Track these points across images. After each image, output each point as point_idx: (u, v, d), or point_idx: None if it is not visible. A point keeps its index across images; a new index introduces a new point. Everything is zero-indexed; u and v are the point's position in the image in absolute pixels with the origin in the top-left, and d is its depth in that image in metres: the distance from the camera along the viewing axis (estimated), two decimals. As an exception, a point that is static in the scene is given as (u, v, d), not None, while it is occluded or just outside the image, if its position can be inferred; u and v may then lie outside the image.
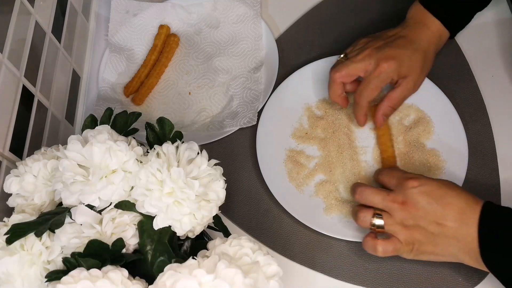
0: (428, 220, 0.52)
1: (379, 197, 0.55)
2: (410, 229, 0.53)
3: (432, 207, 0.52)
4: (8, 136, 0.54)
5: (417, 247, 0.54)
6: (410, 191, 0.53)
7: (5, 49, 0.54)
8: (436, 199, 0.52)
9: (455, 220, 0.51)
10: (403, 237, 0.54)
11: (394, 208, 0.54)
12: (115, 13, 0.79)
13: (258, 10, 0.78)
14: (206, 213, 0.46)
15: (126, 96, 0.74)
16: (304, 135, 0.68)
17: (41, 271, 0.44)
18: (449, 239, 0.52)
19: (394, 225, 0.54)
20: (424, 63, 0.64)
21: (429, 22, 0.65)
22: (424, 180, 0.54)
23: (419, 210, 0.53)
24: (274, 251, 0.62)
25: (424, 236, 0.53)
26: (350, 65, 0.63)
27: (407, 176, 0.55)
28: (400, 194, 0.54)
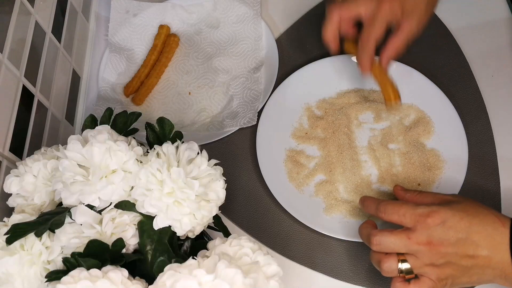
0: (459, 256, 0.49)
1: (400, 242, 0.50)
2: (441, 267, 0.50)
3: (461, 242, 0.49)
4: (8, 136, 0.54)
5: (450, 281, 0.51)
6: (433, 229, 0.49)
7: (5, 49, 0.54)
8: (463, 232, 0.49)
9: (486, 250, 0.49)
10: (436, 276, 0.50)
11: (420, 250, 0.50)
12: (115, 13, 0.79)
13: (258, 10, 0.78)
14: (206, 213, 0.46)
15: (126, 96, 0.74)
16: (304, 135, 0.68)
17: (41, 271, 0.44)
18: (484, 269, 0.50)
19: (423, 267, 0.50)
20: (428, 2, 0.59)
21: None
22: (443, 213, 0.50)
23: (448, 248, 0.49)
24: (274, 251, 0.62)
25: (457, 270, 0.50)
26: (352, 3, 0.59)
27: (423, 212, 0.50)
28: (423, 235, 0.50)
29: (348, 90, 0.71)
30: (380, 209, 0.53)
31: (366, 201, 0.56)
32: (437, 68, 0.71)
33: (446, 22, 0.75)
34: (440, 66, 0.72)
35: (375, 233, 0.52)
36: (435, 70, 0.71)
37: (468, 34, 0.74)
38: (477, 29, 0.74)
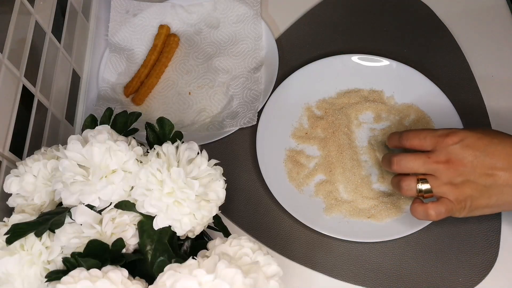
0: (477, 174, 0.50)
1: (419, 161, 0.52)
2: (460, 186, 0.51)
3: (479, 159, 0.50)
4: (8, 136, 0.54)
5: (469, 203, 0.51)
6: (452, 148, 0.51)
7: (5, 49, 0.54)
8: (481, 150, 0.50)
9: (505, 167, 0.50)
10: (454, 196, 0.51)
11: (439, 169, 0.51)
12: (115, 13, 0.79)
13: (258, 10, 0.78)
14: (206, 213, 0.46)
15: (126, 96, 0.74)
16: (304, 135, 0.68)
17: (41, 271, 0.44)
18: (503, 187, 0.50)
19: (442, 186, 0.52)
20: None
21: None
22: (462, 133, 0.51)
23: (466, 166, 0.50)
24: (274, 251, 0.62)
25: (475, 190, 0.51)
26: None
27: (442, 133, 0.52)
28: (442, 153, 0.51)
29: (348, 90, 0.71)
30: (403, 137, 0.55)
31: (391, 135, 0.58)
32: (437, 68, 0.71)
33: (446, 22, 0.75)
34: (440, 66, 0.72)
35: (396, 154, 0.54)
36: (435, 70, 0.71)
37: (468, 34, 0.74)
38: (478, 29, 0.74)
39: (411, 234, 0.60)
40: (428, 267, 0.60)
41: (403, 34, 0.76)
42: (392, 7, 0.78)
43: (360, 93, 0.71)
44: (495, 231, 0.61)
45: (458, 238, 0.61)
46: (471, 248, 0.60)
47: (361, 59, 0.72)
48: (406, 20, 0.77)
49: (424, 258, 0.60)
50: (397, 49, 0.74)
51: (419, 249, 0.61)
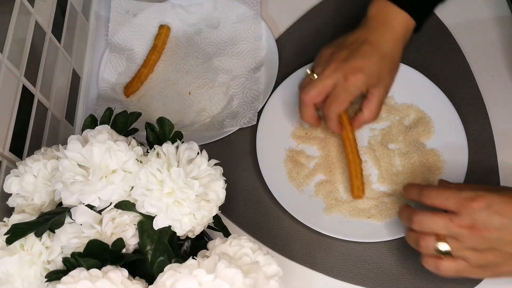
0: (504, 241, 0.48)
1: (442, 223, 0.49)
2: (483, 252, 0.49)
3: (507, 227, 0.47)
4: (8, 136, 0.54)
5: (491, 268, 0.50)
6: (478, 213, 0.48)
7: (5, 49, 0.54)
8: (510, 217, 0.47)
9: None
10: (475, 261, 0.49)
11: (463, 234, 0.48)
12: (115, 13, 0.79)
13: (258, 10, 0.78)
14: (206, 213, 0.46)
15: (126, 96, 0.74)
16: (304, 135, 0.68)
17: (41, 271, 0.44)
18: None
19: (463, 250, 0.49)
20: (391, 68, 0.62)
21: (394, 16, 0.61)
22: (489, 197, 0.48)
23: (492, 233, 0.48)
24: (274, 251, 0.62)
25: (500, 257, 0.49)
26: (319, 84, 0.60)
27: (467, 196, 0.49)
28: (467, 218, 0.48)
29: (348, 90, 0.71)
30: (424, 194, 0.52)
31: (410, 188, 0.55)
32: (437, 68, 0.71)
33: (446, 22, 0.75)
34: (440, 66, 0.72)
35: (417, 212, 0.51)
36: (435, 70, 0.71)
37: (468, 34, 0.74)
38: (477, 29, 0.74)
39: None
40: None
41: (403, 34, 0.76)
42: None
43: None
44: (495, 231, 0.61)
45: (458, 238, 0.61)
46: (471, 248, 0.60)
47: (361, 59, 0.71)
48: (406, 20, 0.77)
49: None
50: (397, 49, 0.74)
51: (419, 249, 0.61)
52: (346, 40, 0.63)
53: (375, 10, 0.63)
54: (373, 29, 0.62)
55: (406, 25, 0.62)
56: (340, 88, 0.60)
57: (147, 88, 0.75)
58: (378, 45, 0.61)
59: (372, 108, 0.62)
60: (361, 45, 0.61)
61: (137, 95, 0.74)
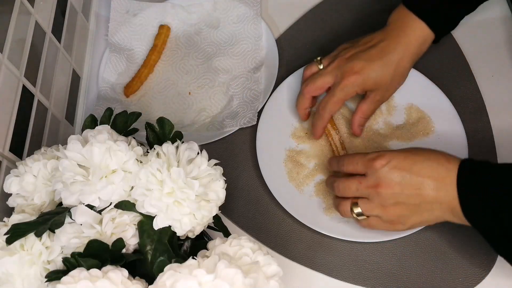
0: (406, 194, 0.52)
1: (353, 186, 0.55)
2: (391, 208, 0.53)
3: (406, 180, 0.51)
4: (8, 136, 0.54)
5: (403, 221, 0.54)
6: (380, 171, 0.52)
7: (5, 49, 0.54)
8: (408, 170, 0.52)
9: (433, 184, 0.51)
10: (386, 217, 0.54)
11: (371, 193, 0.53)
12: (115, 13, 0.79)
13: (258, 10, 0.78)
14: (206, 213, 0.46)
15: (126, 96, 0.74)
16: (304, 135, 0.68)
17: (41, 271, 0.44)
18: (432, 204, 0.52)
19: (374, 209, 0.54)
20: (393, 77, 0.62)
21: (412, 26, 0.61)
22: (389, 155, 0.53)
23: (394, 188, 0.52)
24: (274, 251, 0.62)
25: (407, 210, 0.53)
26: (319, 79, 0.63)
27: (371, 157, 0.54)
28: (372, 178, 0.53)
29: (348, 90, 0.71)
30: (340, 162, 0.58)
31: (330, 160, 0.61)
32: (437, 68, 0.71)
33: (446, 22, 0.75)
34: (440, 66, 0.72)
35: (336, 179, 0.57)
36: (435, 70, 0.71)
37: (468, 33, 0.73)
38: (477, 28, 0.74)
39: (411, 234, 0.60)
40: (428, 267, 0.60)
41: (403, 34, 0.76)
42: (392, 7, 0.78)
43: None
44: (495, 231, 0.61)
45: (458, 238, 0.61)
46: (471, 248, 0.60)
47: (361, 59, 0.72)
48: (406, 20, 0.77)
49: (424, 258, 0.60)
50: (397, 49, 0.74)
51: (419, 249, 0.61)
52: (361, 39, 0.64)
53: (396, 16, 0.63)
54: (389, 35, 0.62)
55: (422, 36, 0.62)
56: (336, 87, 0.61)
57: (147, 88, 0.75)
58: (387, 52, 0.61)
59: (363, 109, 0.63)
60: (370, 48, 0.61)
61: (137, 95, 0.74)
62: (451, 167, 0.51)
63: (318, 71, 0.64)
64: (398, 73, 0.62)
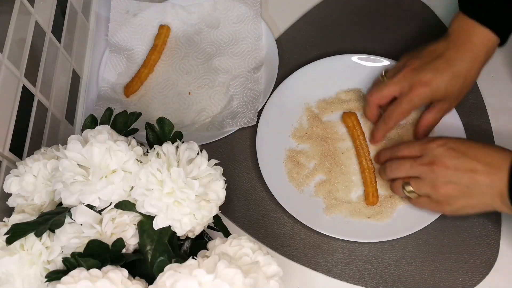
0: (459, 175, 0.53)
1: (407, 165, 0.56)
2: (442, 187, 0.54)
3: (461, 160, 0.53)
4: (8, 136, 0.54)
5: (452, 202, 0.55)
6: (436, 150, 0.54)
7: (5, 49, 0.54)
8: (463, 153, 0.53)
9: (486, 169, 0.52)
10: (435, 196, 0.55)
11: (424, 171, 0.55)
12: (115, 13, 0.79)
13: (258, 10, 0.78)
14: (206, 213, 0.46)
15: (126, 96, 0.74)
16: (304, 135, 0.68)
17: (41, 271, 0.44)
18: (483, 188, 0.53)
19: (424, 187, 0.55)
20: (462, 87, 0.61)
21: (476, 34, 0.60)
22: (446, 139, 0.55)
23: (449, 167, 0.53)
24: (274, 251, 0.62)
25: (457, 191, 0.54)
26: (384, 89, 0.63)
27: (429, 139, 0.57)
28: (427, 156, 0.55)
29: (348, 90, 0.71)
30: (394, 150, 0.60)
31: (382, 151, 0.63)
32: (437, 68, 0.71)
33: (447, 22, 0.75)
34: (440, 66, 0.72)
35: (390, 161, 0.59)
36: (435, 70, 0.71)
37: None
38: (477, 29, 0.74)
39: (411, 234, 0.60)
40: (428, 267, 0.60)
41: (403, 34, 0.76)
42: (392, 7, 0.78)
43: (360, 93, 0.71)
44: (495, 231, 0.61)
45: (458, 238, 0.61)
46: (471, 248, 0.60)
47: (361, 59, 0.72)
48: (406, 20, 0.77)
49: (424, 258, 0.60)
50: (397, 49, 0.73)
51: (419, 249, 0.61)
52: (424, 50, 0.63)
53: (457, 25, 0.62)
54: (453, 44, 0.61)
55: (488, 42, 0.60)
56: (404, 98, 0.61)
57: (147, 88, 0.75)
58: (454, 63, 0.60)
59: (429, 119, 0.63)
60: (436, 58, 0.61)
61: (137, 95, 0.74)
62: (505, 155, 0.52)
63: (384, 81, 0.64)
64: (467, 83, 0.61)
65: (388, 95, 0.63)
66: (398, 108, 0.62)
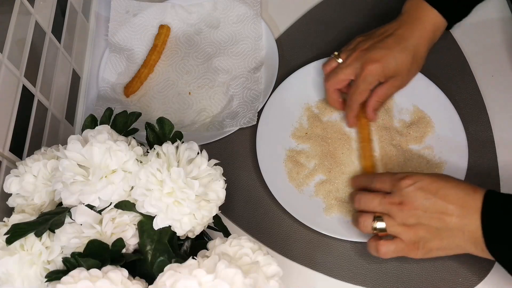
0: (429, 216, 0.52)
1: (376, 201, 0.55)
2: (412, 228, 0.52)
3: (431, 202, 0.52)
4: (8, 136, 0.54)
5: (422, 245, 0.53)
6: (405, 190, 0.53)
7: (5, 49, 0.54)
8: (433, 193, 0.52)
9: (457, 211, 0.51)
10: (407, 237, 0.53)
11: (393, 210, 0.53)
12: (115, 13, 0.79)
13: (258, 10, 0.78)
14: (206, 213, 0.46)
15: (126, 96, 0.74)
16: (304, 135, 0.68)
17: (41, 271, 0.44)
18: (453, 231, 0.51)
19: (395, 226, 0.53)
20: (412, 62, 0.63)
21: (425, 13, 0.64)
22: (417, 176, 0.53)
23: (418, 208, 0.52)
24: (274, 251, 0.62)
25: (428, 232, 0.52)
26: (339, 72, 0.64)
27: (399, 176, 0.54)
28: (397, 195, 0.53)
29: (348, 90, 0.71)
30: (368, 180, 0.59)
31: (359, 177, 0.62)
32: (437, 68, 0.71)
33: (446, 22, 0.75)
34: (440, 66, 0.72)
35: (358, 192, 0.58)
36: (435, 70, 0.71)
37: (468, 33, 0.73)
38: (477, 28, 0.74)
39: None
40: (428, 267, 0.60)
41: (403, 34, 0.76)
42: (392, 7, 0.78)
43: (360, 93, 0.71)
44: (495, 231, 0.61)
45: (458, 238, 0.61)
46: (471, 248, 0.60)
47: (361, 59, 0.72)
48: (406, 20, 0.77)
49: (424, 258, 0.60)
50: (397, 49, 0.74)
51: (419, 249, 0.61)
52: (376, 31, 0.66)
53: (409, 6, 0.66)
54: (403, 23, 0.64)
55: (436, 23, 0.64)
56: (359, 78, 0.63)
57: (147, 88, 0.75)
58: (404, 39, 0.63)
59: (380, 93, 0.64)
60: (386, 37, 0.63)
61: (137, 95, 0.74)
62: (477, 196, 0.51)
63: (337, 65, 0.65)
64: (416, 58, 0.64)
65: (344, 78, 0.64)
66: (356, 90, 0.63)
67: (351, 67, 0.63)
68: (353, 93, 0.64)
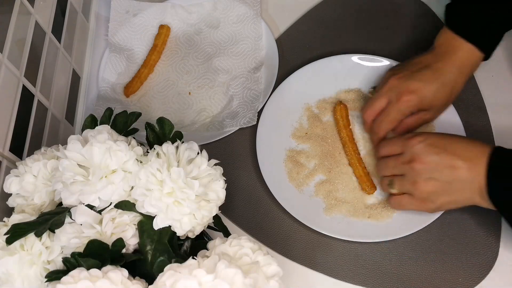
0: (440, 170, 0.54)
1: (390, 164, 0.58)
2: (423, 184, 0.55)
3: (441, 156, 0.54)
4: (8, 136, 0.54)
5: (433, 200, 0.55)
6: (416, 147, 0.55)
7: (5, 49, 0.54)
8: (443, 148, 0.54)
9: (465, 164, 0.53)
10: (418, 194, 0.55)
11: (406, 169, 0.56)
12: (115, 13, 0.79)
13: (258, 10, 0.78)
14: (206, 213, 0.46)
15: (126, 96, 0.74)
16: (304, 135, 0.68)
17: (41, 271, 0.44)
18: (463, 183, 0.53)
19: (406, 185, 0.56)
20: (448, 99, 0.62)
21: (462, 49, 0.61)
22: (426, 134, 0.56)
23: (428, 163, 0.54)
24: (274, 251, 0.62)
25: (439, 187, 0.54)
26: (375, 102, 0.63)
27: (408, 136, 0.57)
28: (408, 154, 0.56)
29: (348, 90, 0.71)
30: (380, 147, 0.61)
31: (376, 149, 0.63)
32: (437, 68, 0.71)
33: (446, 22, 0.75)
34: (440, 66, 0.72)
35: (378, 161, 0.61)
36: (435, 70, 0.71)
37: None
38: (477, 29, 0.74)
39: (411, 234, 0.60)
40: (428, 267, 0.60)
41: (403, 34, 0.76)
42: (392, 7, 0.78)
43: (360, 93, 0.71)
44: (495, 231, 0.61)
45: (458, 238, 0.61)
46: (471, 248, 0.60)
47: (361, 59, 0.72)
48: (406, 20, 0.77)
49: (424, 258, 0.60)
50: (397, 49, 0.74)
51: (419, 249, 0.61)
52: (410, 61, 0.64)
53: (442, 40, 0.63)
54: (439, 56, 0.62)
55: (473, 57, 0.62)
56: (392, 107, 0.61)
57: (147, 88, 0.75)
58: (441, 74, 0.61)
59: (409, 123, 0.63)
60: (422, 69, 0.61)
61: (137, 95, 0.74)
62: (484, 150, 0.53)
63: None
64: (452, 95, 0.63)
65: (378, 108, 0.63)
66: (386, 117, 0.62)
67: (386, 96, 0.62)
68: (383, 120, 0.62)
